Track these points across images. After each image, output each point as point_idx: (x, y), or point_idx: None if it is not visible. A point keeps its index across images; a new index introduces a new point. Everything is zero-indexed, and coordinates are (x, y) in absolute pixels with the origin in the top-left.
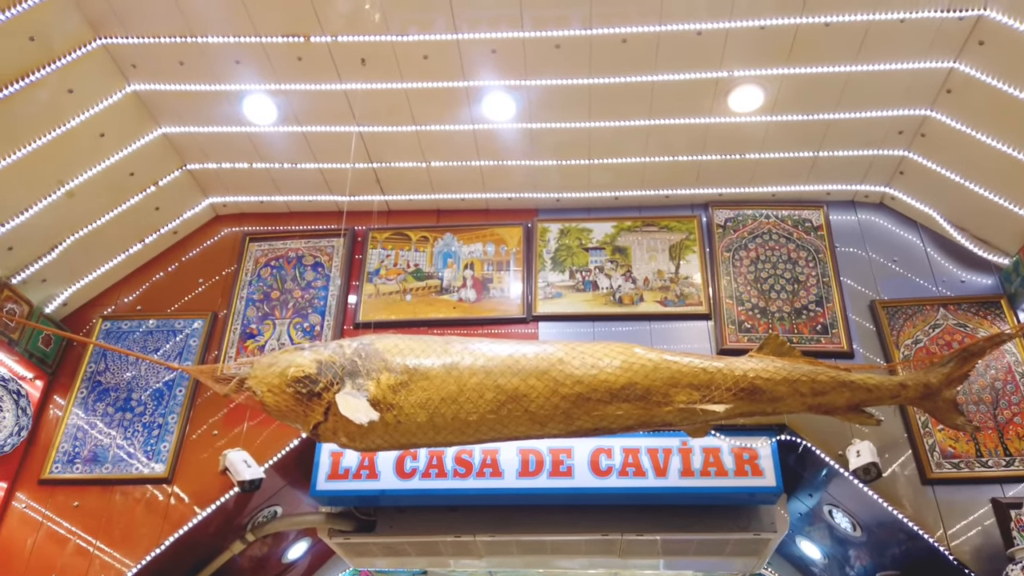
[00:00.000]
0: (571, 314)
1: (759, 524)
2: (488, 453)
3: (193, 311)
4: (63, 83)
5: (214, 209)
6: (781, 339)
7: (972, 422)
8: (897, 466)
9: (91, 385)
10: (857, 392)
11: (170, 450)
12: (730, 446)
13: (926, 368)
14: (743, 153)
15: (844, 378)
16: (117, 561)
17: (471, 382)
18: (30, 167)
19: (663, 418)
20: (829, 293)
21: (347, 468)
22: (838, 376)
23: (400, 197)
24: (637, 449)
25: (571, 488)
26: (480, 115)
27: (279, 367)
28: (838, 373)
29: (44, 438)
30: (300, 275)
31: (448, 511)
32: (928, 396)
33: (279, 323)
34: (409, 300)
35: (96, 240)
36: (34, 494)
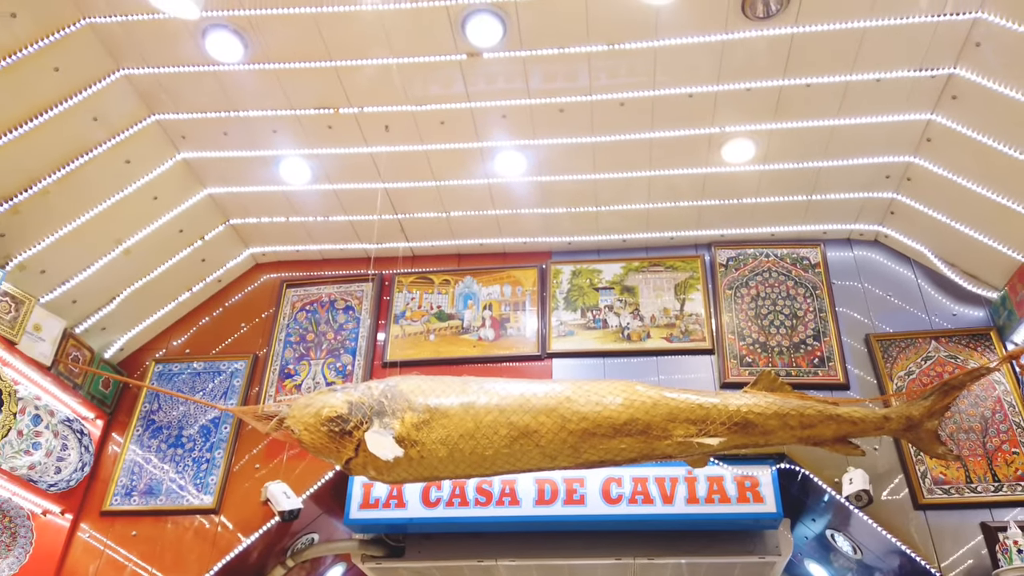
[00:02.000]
0: (583, 351)
1: (764, 548)
2: (507, 483)
3: (236, 353)
4: (121, 155)
5: (254, 259)
6: (773, 375)
7: (953, 451)
8: (891, 492)
9: (145, 423)
10: (843, 425)
11: (217, 482)
12: (732, 474)
13: (908, 401)
14: (740, 198)
15: (831, 412)
16: None
17: (486, 420)
18: (92, 229)
19: (663, 451)
20: (826, 327)
21: (377, 498)
22: (825, 410)
23: (423, 244)
24: (645, 478)
25: (584, 515)
26: (494, 171)
27: (314, 408)
28: (825, 407)
29: (104, 473)
30: (333, 318)
31: (471, 538)
32: (911, 428)
33: (314, 363)
34: (432, 339)
35: (149, 290)
36: (96, 524)
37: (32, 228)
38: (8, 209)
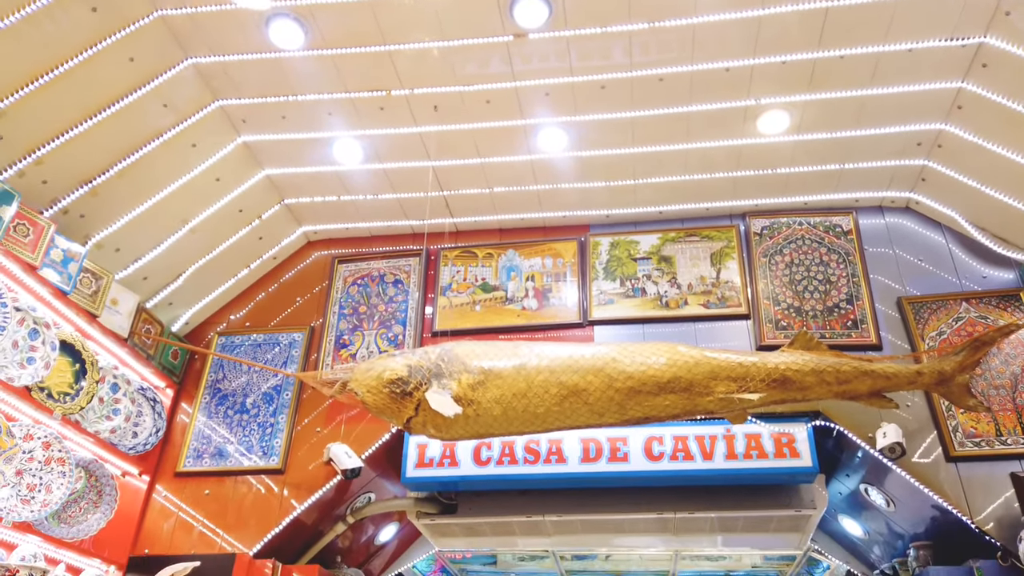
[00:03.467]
0: (622, 318)
1: (800, 502)
2: (554, 442)
3: (293, 325)
4: (188, 139)
5: (307, 237)
6: (810, 335)
7: (984, 403)
8: (923, 446)
9: (212, 392)
10: (877, 380)
11: (281, 445)
12: (769, 432)
13: (940, 357)
14: (774, 168)
15: (866, 367)
16: (241, 540)
17: (538, 380)
18: (161, 210)
19: (705, 407)
20: (859, 291)
21: (431, 458)
22: (860, 366)
23: (467, 219)
24: (686, 436)
25: (627, 472)
26: (536, 147)
27: (376, 371)
28: (860, 363)
29: (176, 438)
30: (383, 291)
31: (519, 495)
32: (943, 382)
33: (367, 333)
34: (478, 310)
35: (211, 267)
36: (171, 485)
37: (108, 209)
38: (88, 191)
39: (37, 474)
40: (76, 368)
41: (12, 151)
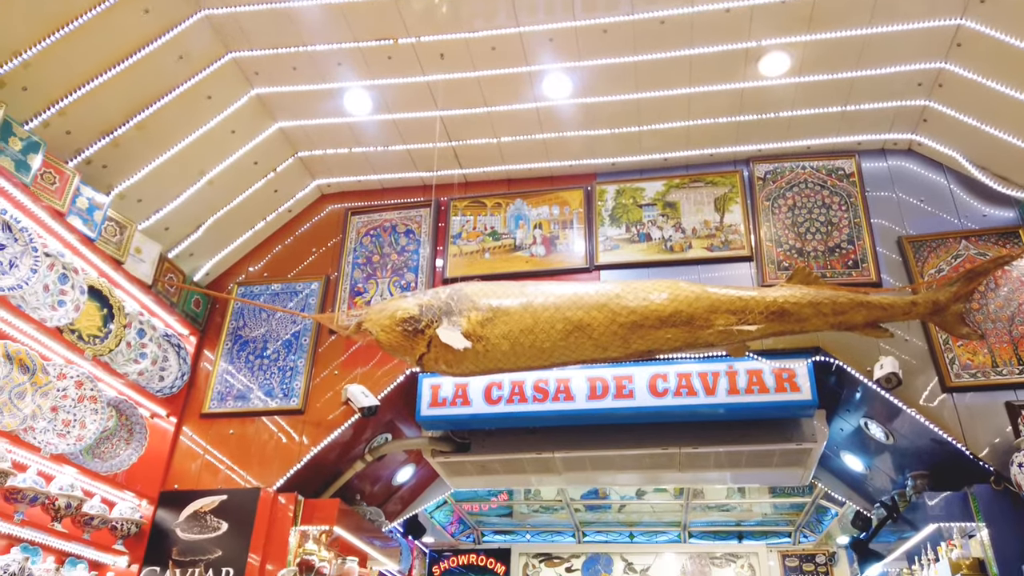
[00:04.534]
0: (628, 262)
1: (800, 436)
2: (561, 381)
3: (309, 275)
4: (203, 92)
5: (320, 190)
6: (808, 270)
7: (977, 331)
8: (921, 378)
9: (233, 339)
10: (873, 311)
11: (301, 387)
12: (770, 367)
13: (936, 288)
14: (777, 112)
15: (861, 299)
16: (264, 477)
17: (544, 316)
18: (180, 162)
19: (705, 339)
20: (860, 232)
21: (444, 397)
22: (856, 298)
23: (476, 170)
24: (689, 373)
25: (633, 407)
26: (542, 94)
27: (389, 311)
28: (856, 295)
29: (200, 381)
30: (395, 241)
31: (529, 433)
32: (937, 311)
33: (381, 282)
34: (488, 257)
35: (230, 219)
36: (197, 426)
37: (130, 159)
38: (109, 142)
39: (71, 411)
40: (104, 313)
41: (36, 101)
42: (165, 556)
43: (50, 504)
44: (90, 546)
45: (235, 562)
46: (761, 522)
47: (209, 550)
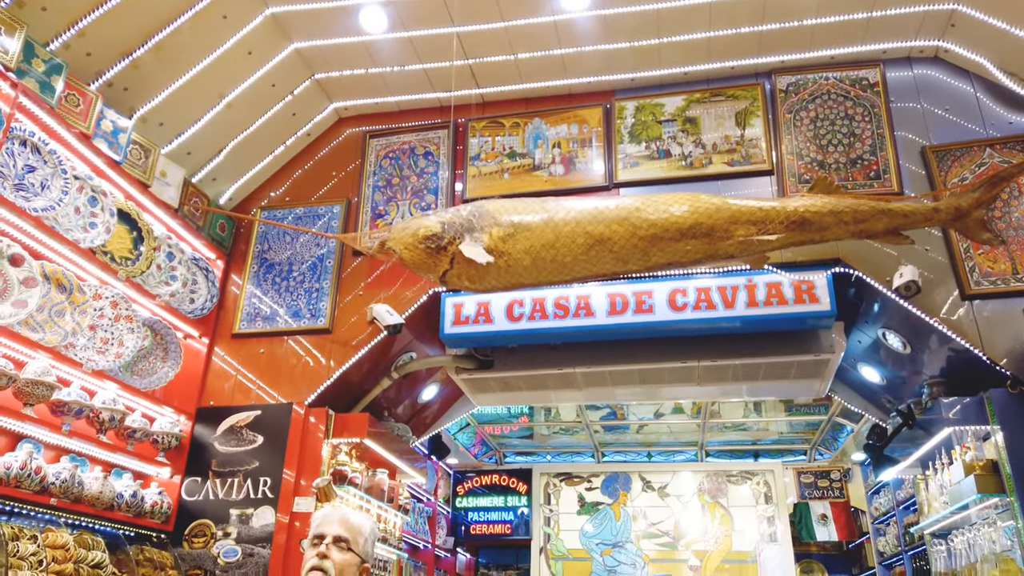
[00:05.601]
0: (648, 179)
1: (819, 347)
2: (582, 297)
3: (331, 199)
4: (218, 10)
5: (337, 113)
6: (830, 180)
7: (999, 237)
8: (940, 287)
9: (259, 262)
10: (895, 218)
11: (328, 308)
12: (790, 280)
13: (958, 194)
14: (800, 20)
15: (883, 207)
16: (295, 395)
17: (565, 231)
18: (198, 84)
19: (726, 251)
20: (883, 143)
21: (467, 316)
22: (877, 205)
23: (493, 89)
24: (708, 288)
25: (653, 322)
26: (559, 7)
27: (411, 229)
28: (878, 203)
29: (229, 304)
30: (414, 163)
31: (551, 349)
32: (959, 217)
33: (401, 203)
34: (507, 178)
35: (250, 144)
36: (228, 346)
37: (150, 82)
38: (129, 64)
39: (108, 329)
40: (134, 236)
41: (56, 22)
42: (205, 467)
43: (94, 417)
44: (134, 457)
45: (272, 472)
46: (777, 440)
47: (247, 461)
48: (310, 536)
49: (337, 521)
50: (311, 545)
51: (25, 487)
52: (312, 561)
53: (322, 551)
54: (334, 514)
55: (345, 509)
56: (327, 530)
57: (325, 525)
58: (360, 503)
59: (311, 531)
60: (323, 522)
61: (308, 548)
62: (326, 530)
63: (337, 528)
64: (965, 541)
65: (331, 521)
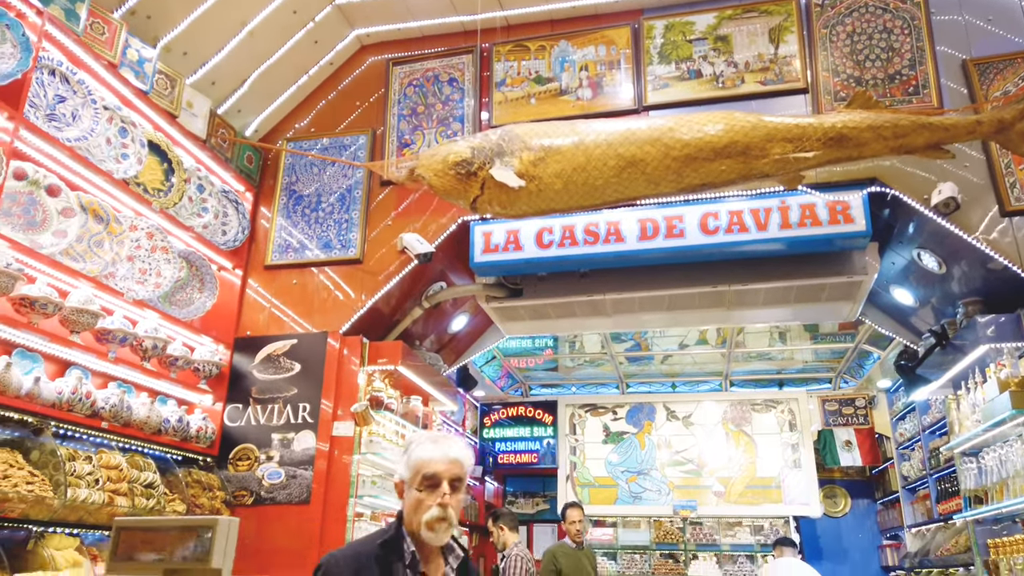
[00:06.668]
0: (678, 101)
1: (851, 269)
2: (612, 223)
3: (356, 129)
4: None
5: (359, 40)
6: (868, 94)
7: None
8: (979, 204)
9: (288, 194)
10: (936, 132)
11: (358, 238)
12: (824, 200)
13: (1001, 107)
14: None
15: (924, 120)
16: (329, 324)
17: (596, 153)
18: (219, 11)
19: (761, 169)
20: (922, 57)
21: (496, 244)
22: (918, 119)
23: (518, 11)
24: (741, 210)
25: (684, 246)
26: None
27: (440, 155)
28: (918, 117)
29: (260, 235)
30: (439, 91)
31: (580, 276)
32: (1002, 130)
33: (427, 132)
34: (533, 103)
35: (273, 73)
36: (261, 277)
37: (172, 10)
38: None
39: (146, 260)
40: (164, 167)
41: None
42: (246, 395)
43: (138, 345)
44: (177, 384)
45: (310, 399)
46: (802, 369)
47: (285, 388)
48: (420, 476)
49: (453, 461)
50: (426, 487)
51: (77, 411)
52: (434, 512)
53: (444, 501)
54: (448, 451)
55: (452, 443)
56: (444, 471)
57: (439, 465)
58: (396, 428)
59: (420, 469)
60: (437, 461)
61: (421, 492)
62: (442, 471)
63: (454, 469)
64: (996, 458)
65: (447, 461)
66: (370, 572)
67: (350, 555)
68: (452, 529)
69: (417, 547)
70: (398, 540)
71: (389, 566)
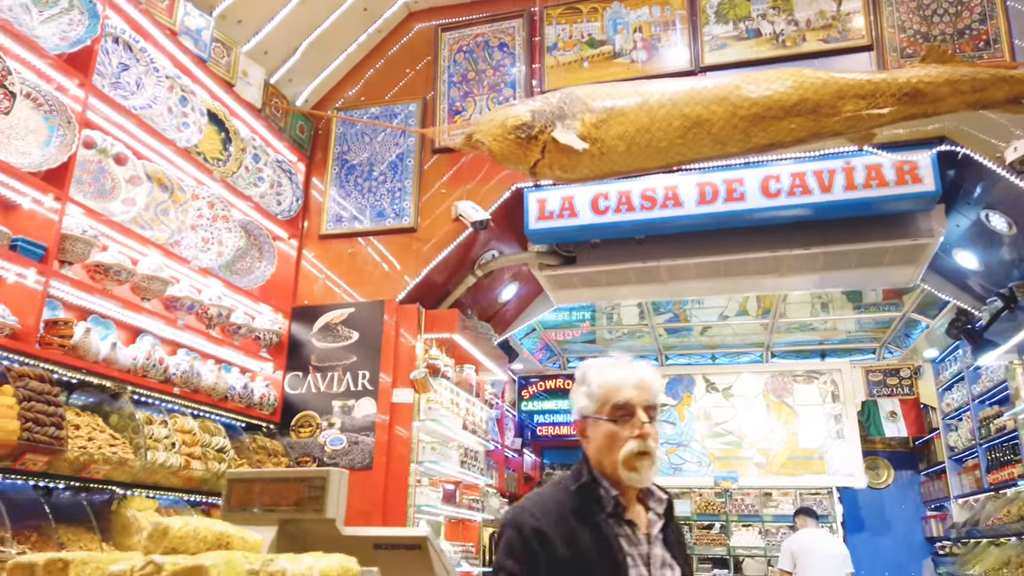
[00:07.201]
0: (737, 62)
1: (916, 231)
2: (669, 188)
3: (406, 97)
4: None
5: (407, 7)
6: (943, 48)
7: None
8: None
9: (340, 164)
10: (1016, 85)
11: (411, 207)
12: (891, 161)
13: None
14: None
15: (1004, 74)
16: (384, 293)
17: (660, 113)
18: None
19: (832, 128)
20: (993, 10)
21: (551, 211)
22: (998, 72)
23: None
24: (804, 172)
25: (744, 209)
26: None
27: (499, 119)
28: (998, 70)
29: (314, 206)
30: (489, 56)
31: (635, 243)
32: None
33: (478, 98)
34: (586, 67)
35: (323, 42)
36: (316, 246)
37: None
38: None
39: (208, 229)
40: (222, 136)
41: None
42: (305, 363)
43: (203, 313)
44: (240, 352)
45: (369, 366)
46: (845, 340)
47: (344, 357)
48: (609, 405)
49: (645, 386)
50: (619, 418)
51: (151, 377)
52: (632, 446)
53: (644, 431)
54: (639, 374)
55: (639, 365)
56: (636, 397)
57: (630, 391)
58: (451, 396)
59: (609, 398)
60: (628, 386)
61: (614, 424)
62: (634, 397)
63: (647, 396)
64: None
65: (638, 385)
66: (565, 525)
67: (541, 506)
68: (656, 467)
69: (621, 491)
70: (593, 486)
71: (589, 516)
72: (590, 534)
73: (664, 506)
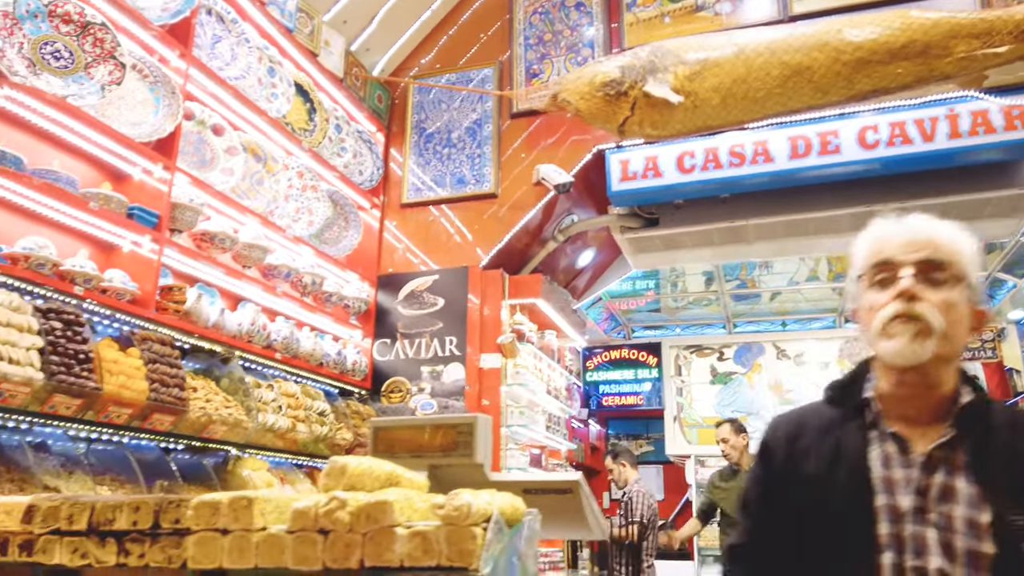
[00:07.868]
0: (828, 8)
1: (1021, 181)
2: (759, 143)
3: (481, 62)
4: None
5: None
6: None
7: None
8: None
9: (418, 132)
10: None
11: (492, 172)
12: (999, 106)
13: None
14: None
15: None
16: (467, 259)
17: (757, 63)
18: None
19: (942, 70)
20: None
21: (634, 172)
22: None
23: None
24: (903, 121)
25: (839, 162)
26: None
27: (586, 77)
28: None
29: (394, 175)
30: (566, 16)
31: (720, 203)
32: None
33: (556, 60)
34: (668, 22)
35: (399, 10)
36: (398, 215)
37: None
38: None
39: (298, 198)
40: (307, 107)
41: None
42: (392, 330)
43: (298, 281)
44: (331, 319)
45: (456, 332)
46: None
47: (430, 323)
48: (869, 268)
49: (915, 240)
50: (876, 284)
51: (255, 342)
52: (893, 307)
53: (908, 288)
54: (911, 226)
55: (919, 219)
56: (900, 253)
57: (893, 247)
58: (535, 361)
59: (870, 259)
60: (892, 242)
61: (871, 289)
62: (897, 254)
63: (919, 250)
64: None
65: (906, 240)
66: (808, 437)
67: (798, 412)
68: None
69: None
70: (854, 383)
71: (840, 423)
72: (833, 446)
73: (964, 410)
